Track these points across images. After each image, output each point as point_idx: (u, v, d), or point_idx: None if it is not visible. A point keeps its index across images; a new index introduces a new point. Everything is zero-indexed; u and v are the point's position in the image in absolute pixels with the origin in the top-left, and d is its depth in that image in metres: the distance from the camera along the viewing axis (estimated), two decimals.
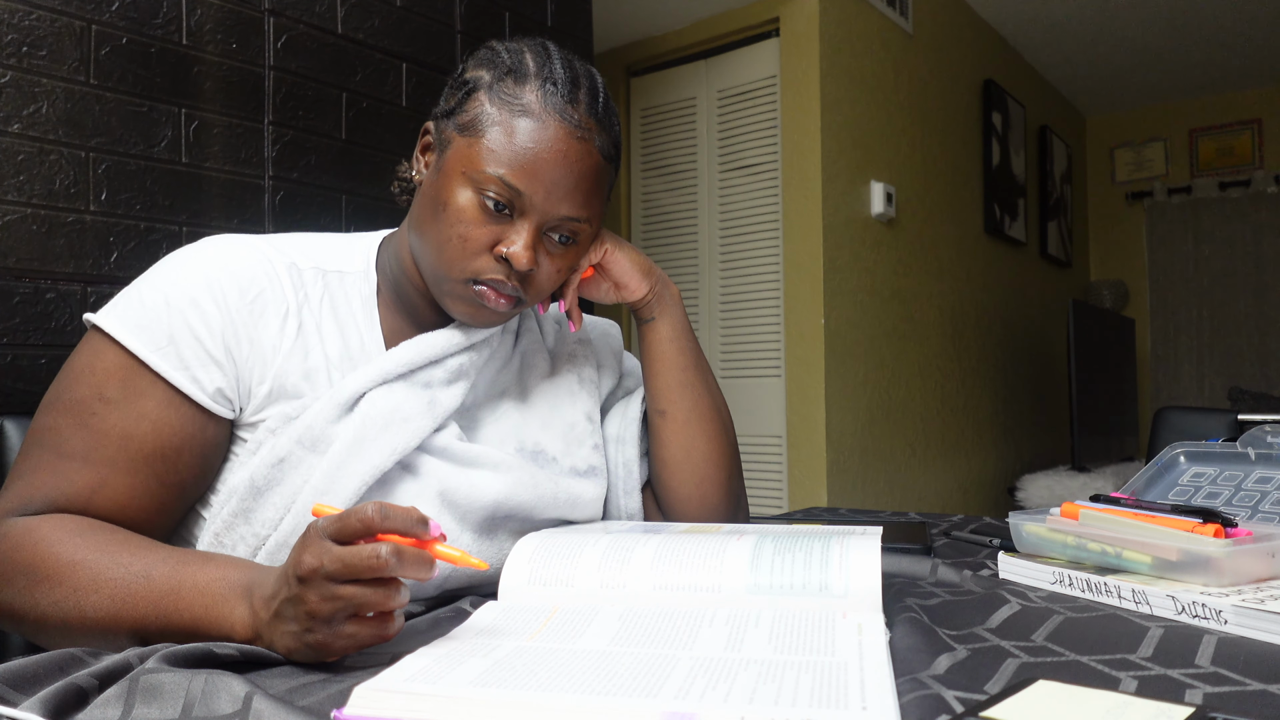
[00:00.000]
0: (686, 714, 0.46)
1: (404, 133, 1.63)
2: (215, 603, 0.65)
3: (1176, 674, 0.56)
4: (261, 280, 0.80)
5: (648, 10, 3.11)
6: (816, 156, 2.80)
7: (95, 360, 0.76)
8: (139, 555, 0.68)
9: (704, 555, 0.71)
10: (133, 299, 0.77)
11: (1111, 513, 0.83)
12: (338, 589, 0.58)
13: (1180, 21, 3.76)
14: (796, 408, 2.84)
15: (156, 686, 0.50)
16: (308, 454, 0.77)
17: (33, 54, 1.18)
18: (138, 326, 0.75)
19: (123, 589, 0.66)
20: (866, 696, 0.48)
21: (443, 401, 0.83)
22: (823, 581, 0.67)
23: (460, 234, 0.79)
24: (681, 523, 0.93)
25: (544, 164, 0.78)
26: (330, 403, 0.78)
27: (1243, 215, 4.55)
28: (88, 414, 0.74)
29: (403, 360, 0.82)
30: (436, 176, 0.81)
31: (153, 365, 0.74)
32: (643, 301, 0.94)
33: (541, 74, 0.80)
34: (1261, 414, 1.71)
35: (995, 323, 3.87)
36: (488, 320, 0.84)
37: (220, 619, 0.64)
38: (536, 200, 0.79)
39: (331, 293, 0.84)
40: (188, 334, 0.76)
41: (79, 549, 0.68)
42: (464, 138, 0.79)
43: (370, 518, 0.60)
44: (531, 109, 0.78)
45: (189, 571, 0.67)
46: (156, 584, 0.66)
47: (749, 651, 0.56)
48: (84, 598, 0.66)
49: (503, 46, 0.84)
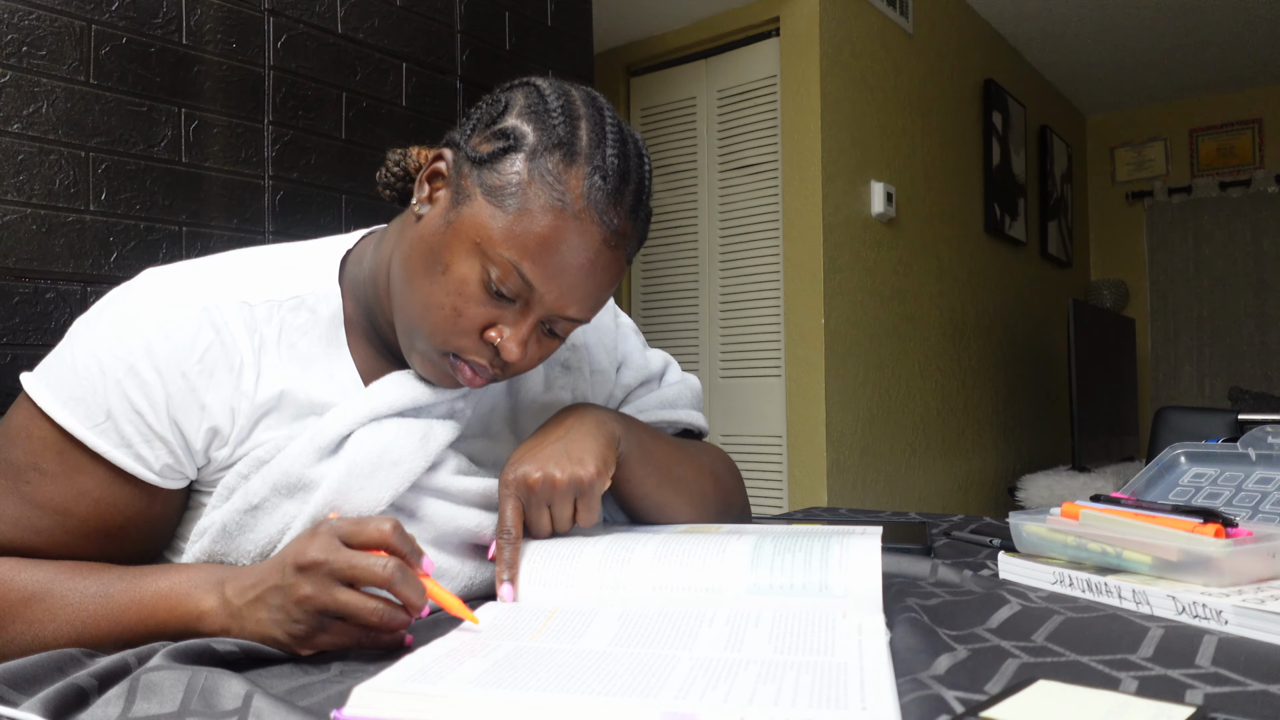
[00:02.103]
0: (686, 714, 0.46)
1: (404, 133, 1.63)
2: (180, 601, 0.63)
3: (1177, 674, 0.56)
4: (208, 334, 0.70)
5: (648, 10, 3.11)
6: (816, 156, 2.80)
7: (31, 426, 0.69)
8: (92, 577, 0.66)
9: (704, 555, 0.71)
10: (65, 365, 0.69)
11: (1112, 513, 0.83)
12: (336, 589, 0.58)
13: (1180, 21, 3.76)
14: (796, 408, 2.84)
15: (156, 686, 0.50)
16: (284, 500, 0.71)
17: (33, 54, 1.18)
18: (71, 400, 0.67)
19: (81, 612, 0.64)
20: (866, 697, 0.48)
21: (438, 435, 0.76)
22: (823, 581, 0.67)
23: (454, 306, 0.70)
24: (681, 524, 0.92)
25: (568, 268, 0.69)
26: (309, 445, 0.71)
27: (1243, 215, 4.55)
28: (22, 482, 0.68)
29: (392, 403, 0.75)
30: (443, 229, 0.71)
31: (90, 444, 0.67)
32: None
33: (593, 159, 0.70)
34: (1262, 414, 1.71)
35: (995, 323, 3.87)
36: (450, 386, 0.77)
37: (186, 615, 0.63)
38: (548, 299, 0.71)
39: (288, 329, 0.74)
40: (126, 408, 0.67)
41: (28, 583, 0.66)
42: (486, 201, 0.69)
43: (388, 533, 0.60)
44: (571, 203, 0.68)
45: (148, 581, 0.65)
46: (115, 600, 0.64)
47: (749, 652, 0.56)
48: (42, 628, 0.64)
49: (556, 101, 0.72)
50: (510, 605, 0.70)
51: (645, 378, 0.99)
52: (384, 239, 0.79)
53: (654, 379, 1.01)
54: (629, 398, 0.98)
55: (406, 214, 0.78)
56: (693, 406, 1.01)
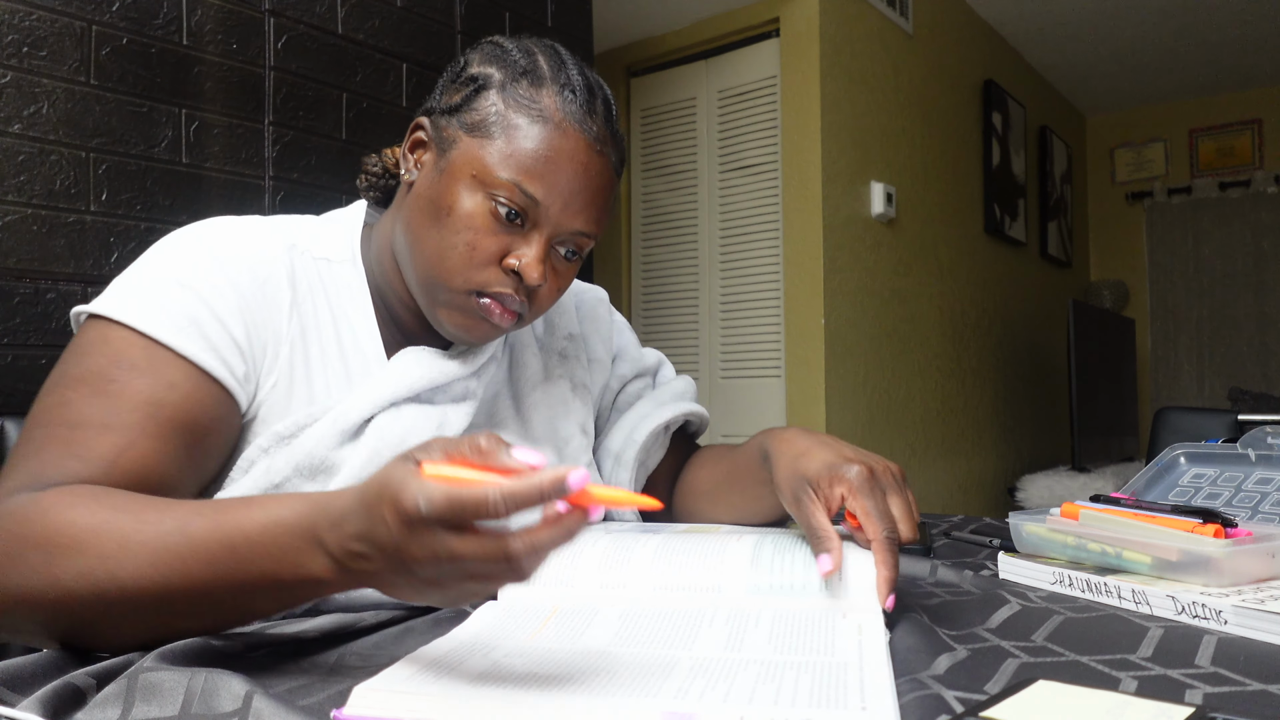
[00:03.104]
0: (686, 714, 0.46)
1: (404, 133, 1.63)
2: (286, 555, 0.54)
3: (1176, 674, 0.56)
4: (270, 264, 0.74)
5: (648, 10, 3.11)
6: (816, 156, 2.80)
7: (108, 335, 0.67)
8: (169, 511, 0.58)
9: (704, 555, 0.71)
10: (137, 285, 0.69)
11: (1111, 513, 0.83)
12: (449, 539, 0.48)
13: (1180, 21, 3.76)
14: (796, 408, 2.84)
15: (155, 685, 0.50)
16: (306, 482, 0.71)
17: (33, 54, 1.18)
18: (153, 309, 0.67)
19: (163, 550, 0.56)
20: (866, 697, 0.48)
21: (452, 423, 0.78)
22: (823, 581, 0.67)
23: (467, 241, 0.73)
24: (681, 523, 0.93)
25: (563, 174, 0.73)
26: (332, 428, 0.72)
27: (1243, 215, 4.56)
28: (105, 381, 0.65)
29: (412, 385, 0.76)
30: (438, 178, 0.75)
31: (175, 346, 0.67)
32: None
33: (558, 79, 0.75)
34: (1262, 414, 1.71)
35: (995, 323, 3.87)
36: (483, 336, 0.78)
37: (297, 575, 0.54)
38: (553, 211, 0.73)
39: (325, 283, 0.78)
40: (208, 314, 0.69)
41: (97, 512, 0.58)
42: (472, 138, 0.74)
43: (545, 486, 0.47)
44: (550, 115, 0.73)
45: (232, 521, 0.56)
46: (200, 541, 0.56)
47: (749, 651, 0.56)
48: (117, 565, 0.56)
49: (512, 44, 0.78)
50: (510, 605, 0.70)
51: (640, 370, 1.02)
52: (382, 220, 0.83)
53: (649, 373, 1.03)
54: (625, 388, 1.00)
55: (400, 189, 0.81)
56: (692, 398, 1.04)
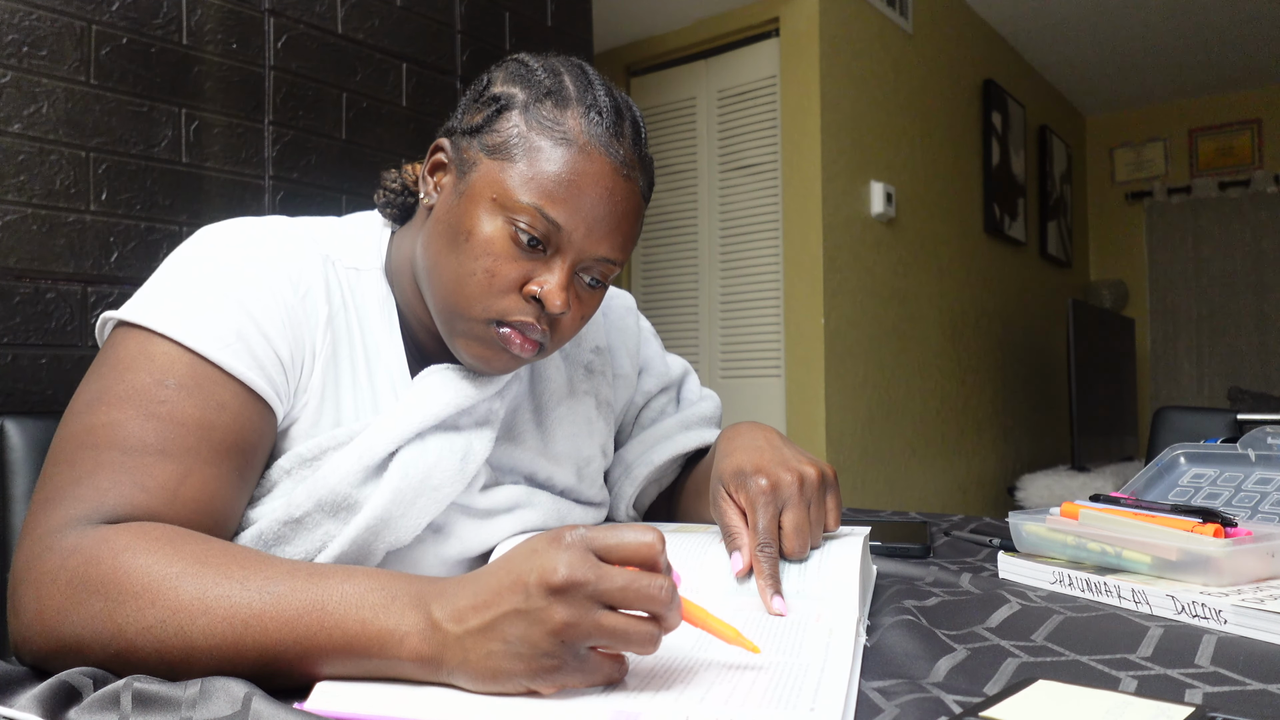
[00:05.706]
0: (633, 714, 0.47)
1: (404, 133, 1.63)
2: (376, 614, 0.52)
3: (1176, 674, 0.56)
4: (310, 276, 0.72)
5: (648, 10, 3.11)
6: (816, 156, 2.80)
7: (149, 349, 0.65)
8: (254, 569, 0.55)
9: (684, 558, 0.71)
10: (174, 293, 0.67)
11: (1111, 513, 0.83)
12: (601, 614, 0.49)
13: (1180, 21, 3.76)
14: (796, 408, 2.84)
15: (155, 686, 0.50)
16: (327, 519, 0.69)
17: (33, 54, 1.18)
18: (197, 323, 0.65)
19: (242, 608, 0.53)
20: (817, 698, 0.49)
21: (476, 454, 0.75)
22: (799, 586, 0.67)
23: (486, 268, 0.69)
24: (669, 523, 0.93)
25: (587, 198, 0.69)
26: (357, 464, 0.70)
27: (1243, 215, 4.56)
28: (154, 402, 0.63)
29: (438, 413, 0.73)
30: (457, 201, 0.71)
31: (223, 364, 0.65)
32: None
33: (584, 100, 0.71)
34: (1261, 414, 1.71)
35: (995, 323, 3.87)
36: (503, 367, 0.74)
37: (384, 632, 0.52)
38: (576, 237, 0.70)
39: (355, 295, 0.76)
40: (254, 329, 0.67)
41: (174, 561, 0.55)
42: (493, 160, 0.70)
43: (655, 546, 0.50)
44: (574, 137, 0.69)
45: (329, 584, 0.54)
46: (285, 601, 0.53)
47: (715, 653, 0.57)
48: (189, 621, 0.53)
49: (537, 63, 0.74)
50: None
51: (665, 384, 0.99)
52: (401, 240, 0.80)
53: (674, 386, 1.00)
54: (649, 404, 0.98)
55: (419, 211, 0.79)
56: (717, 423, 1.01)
